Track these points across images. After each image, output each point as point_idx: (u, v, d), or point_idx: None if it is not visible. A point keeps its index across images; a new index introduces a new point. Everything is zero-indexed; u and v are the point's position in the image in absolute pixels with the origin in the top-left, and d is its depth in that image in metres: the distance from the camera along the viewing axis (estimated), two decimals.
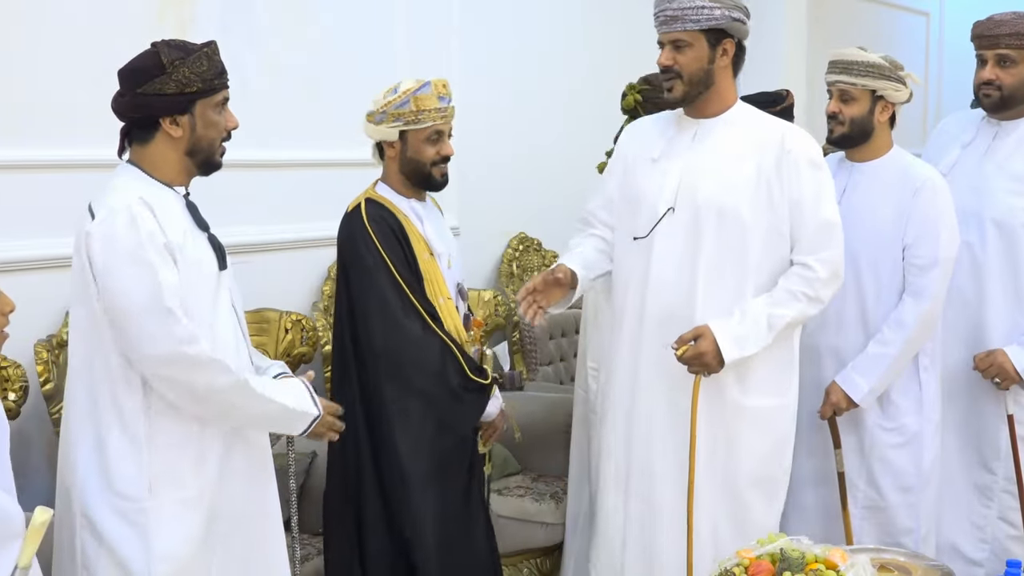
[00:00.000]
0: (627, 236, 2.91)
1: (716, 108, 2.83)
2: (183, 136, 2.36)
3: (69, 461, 2.37)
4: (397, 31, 4.10)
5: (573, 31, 4.95)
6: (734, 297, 2.77)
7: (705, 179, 2.79)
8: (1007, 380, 3.14)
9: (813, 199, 2.78)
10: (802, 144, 2.81)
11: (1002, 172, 3.22)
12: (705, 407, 2.77)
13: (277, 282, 3.70)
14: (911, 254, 3.08)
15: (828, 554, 2.25)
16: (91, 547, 2.33)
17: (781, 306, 2.75)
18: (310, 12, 3.83)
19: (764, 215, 2.77)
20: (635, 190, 2.91)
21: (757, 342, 2.73)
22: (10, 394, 2.85)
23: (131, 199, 2.29)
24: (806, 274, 2.76)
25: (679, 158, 2.83)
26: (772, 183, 2.76)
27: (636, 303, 2.88)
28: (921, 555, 2.54)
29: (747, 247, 2.77)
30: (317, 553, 3.22)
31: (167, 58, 2.32)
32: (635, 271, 2.88)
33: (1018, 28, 3.15)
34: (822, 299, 2.79)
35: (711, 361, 2.71)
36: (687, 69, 2.75)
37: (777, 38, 5.82)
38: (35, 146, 3.05)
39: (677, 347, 2.72)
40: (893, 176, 3.13)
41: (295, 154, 3.78)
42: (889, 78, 3.08)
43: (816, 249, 2.77)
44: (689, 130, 2.86)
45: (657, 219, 2.82)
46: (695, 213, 2.78)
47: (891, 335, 3.06)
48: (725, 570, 2.28)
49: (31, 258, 3.00)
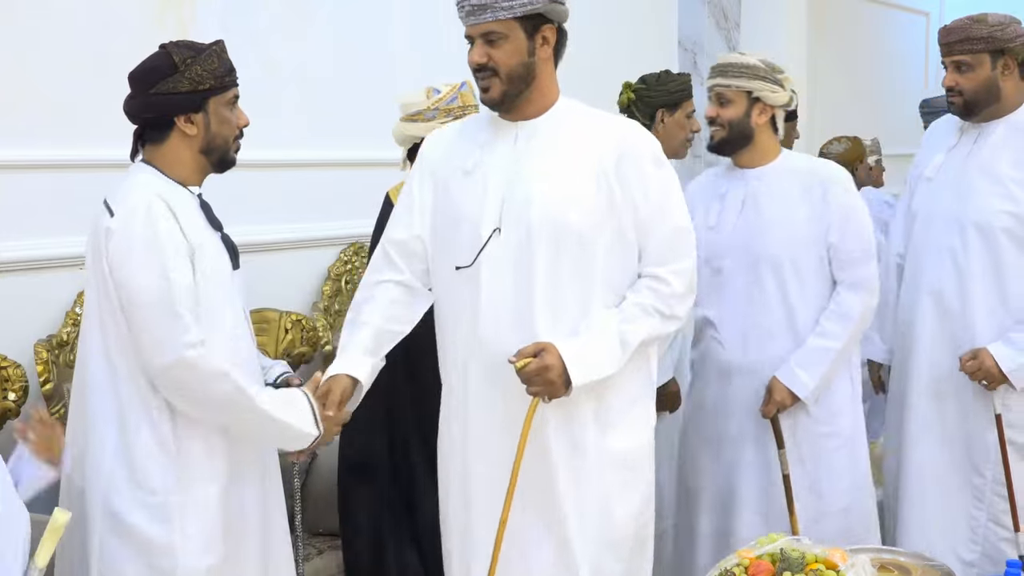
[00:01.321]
0: (448, 266, 2.48)
1: (538, 106, 2.45)
2: (198, 134, 2.38)
3: (84, 460, 2.36)
4: (397, 31, 4.10)
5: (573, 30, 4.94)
6: (579, 326, 2.41)
7: (534, 191, 2.39)
8: (994, 381, 3.12)
9: (660, 203, 2.43)
10: (643, 140, 2.47)
11: (984, 174, 3.20)
12: (564, 455, 2.43)
13: (277, 282, 3.70)
14: (840, 251, 3.04)
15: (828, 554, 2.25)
16: (115, 546, 2.33)
17: (633, 322, 2.41)
18: (310, 12, 3.83)
19: (606, 225, 2.41)
20: (451, 210, 2.48)
21: (611, 363, 2.38)
22: (10, 394, 2.85)
23: (151, 197, 2.31)
24: (660, 288, 2.43)
25: (499, 168, 2.43)
26: (613, 187, 2.40)
27: (466, 344, 2.46)
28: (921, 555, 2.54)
29: (591, 265, 2.41)
30: (317, 553, 3.23)
31: (179, 57, 2.34)
32: (461, 307, 2.47)
33: (968, 34, 3.14)
34: (678, 316, 2.46)
35: (556, 379, 2.32)
36: (505, 65, 2.36)
37: (777, 38, 5.82)
38: (35, 146, 3.05)
39: (516, 360, 2.32)
40: (794, 179, 3.09)
41: (295, 154, 3.78)
42: (765, 79, 3.05)
43: (668, 260, 2.44)
44: (508, 134, 2.46)
45: (482, 243, 2.41)
46: (526, 232, 2.39)
47: (834, 328, 3.02)
48: (725, 570, 2.28)
49: (31, 258, 3.00)
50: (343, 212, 3.80)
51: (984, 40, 3.13)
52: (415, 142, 3.02)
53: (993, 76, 3.16)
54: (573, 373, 2.32)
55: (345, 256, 3.91)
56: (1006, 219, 3.13)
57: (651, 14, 5.38)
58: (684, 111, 3.66)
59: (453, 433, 2.53)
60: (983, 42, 3.14)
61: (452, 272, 2.46)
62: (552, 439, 2.42)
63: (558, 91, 2.49)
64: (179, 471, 2.33)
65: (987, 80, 3.16)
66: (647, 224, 2.43)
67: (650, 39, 5.28)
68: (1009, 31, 3.14)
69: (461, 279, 2.45)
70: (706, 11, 5.66)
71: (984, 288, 3.16)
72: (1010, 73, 3.18)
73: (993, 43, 3.13)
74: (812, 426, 3.09)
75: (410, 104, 3.04)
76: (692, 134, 3.74)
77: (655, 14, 5.43)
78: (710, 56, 5.67)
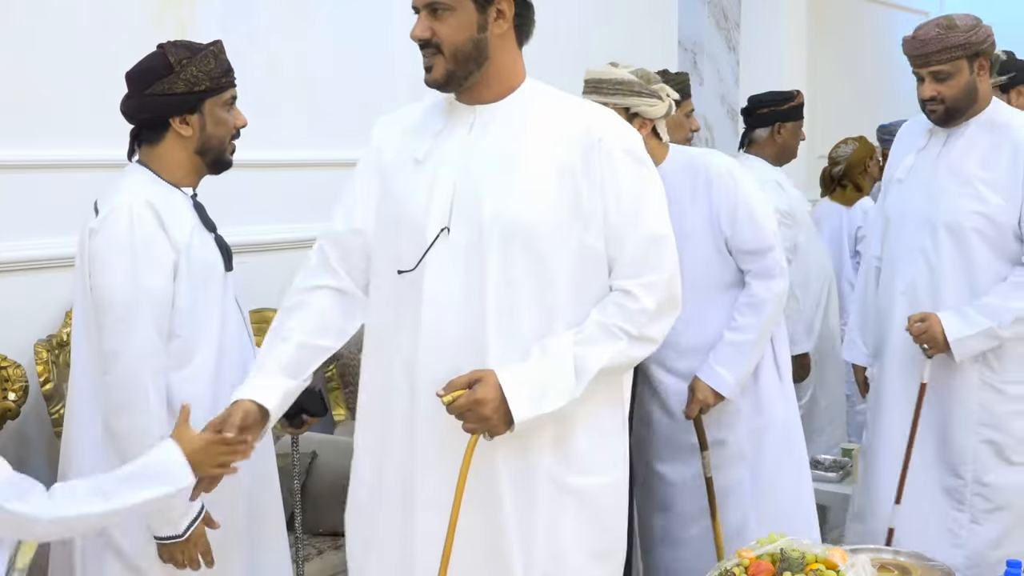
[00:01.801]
0: (389, 270, 2.16)
1: (498, 89, 2.13)
2: (193, 135, 2.38)
3: (73, 462, 2.37)
4: (397, 31, 4.10)
5: (573, 30, 4.94)
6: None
7: (486, 186, 2.07)
8: (935, 348, 3.10)
9: (634, 204, 2.10)
10: (617, 131, 2.14)
11: (953, 175, 3.19)
12: (511, 487, 2.10)
13: (277, 282, 3.69)
14: (738, 243, 3.01)
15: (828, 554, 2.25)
16: (94, 548, 2.34)
17: (592, 345, 2.06)
18: (310, 12, 3.83)
19: (572, 229, 2.07)
20: (396, 205, 2.17)
21: (562, 395, 2.03)
22: (10, 394, 2.85)
23: (135, 200, 2.31)
24: (628, 305, 2.08)
25: (452, 159, 2.12)
26: (580, 184, 2.07)
27: (406, 363, 2.12)
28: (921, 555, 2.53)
29: (553, 276, 2.07)
30: (317, 553, 3.22)
31: (175, 58, 2.34)
32: (401, 320, 2.13)
33: (944, 43, 3.10)
34: (649, 337, 2.12)
35: (492, 415, 1.99)
36: (450, 41, 2.06)
37: (777, 38, 5.82)
38: (35, 146, 3.05)
39: (444, 393, 2.00)
40: (681, 176, 3.05)
41: (295, 154, 3.78)
42: (640, 94, 2.96)
43: (640, 271, 2.09)
44: (463, 120, 2.14)
45: (427, 245, 2.09)
46: (478, 234, 2.07)
47: (746, 320, 3.00)
48: (725, 570, 2.28)
49: (31, 258, 3.00)
50: None
51: (961, 47, 3.11)
52: None
53: (972, 80, 3.15)
54: (515, 407, 1.99)
55: None
56: (976, 219, 3.13)
57: (651, 14, 5.38)
58: (682, 111, 3.66)
59: (395, 459, 2.17)
60: (960, 49, 3.11)
61: (393, 277, 2.13)
62: (504, 480, 2.10)
63: (523, 73, 2.17)
64: None
65: (967, 85, 3.15)
66: (618, 230, 2.09)
67: (650, 39, 5.28)
68: (980, 33, 3.14)
69: (403, 285, 2.12)
70: (706, 11, 5.66)
71: (956, 289, 3.16)
72: (984, 74, 3.18)
73: (969, 48, 3.12)
74: (747, 420, 3.09)
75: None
76: (691, 133, 3.74)
77: (655, 14, 5.43)
78: (710, 56, 5.68)
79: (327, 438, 3.53)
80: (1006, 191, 3.11)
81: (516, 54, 2.15)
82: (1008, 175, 3.12)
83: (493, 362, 2.04)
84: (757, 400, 3.11)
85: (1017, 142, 3.13)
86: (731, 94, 5.84)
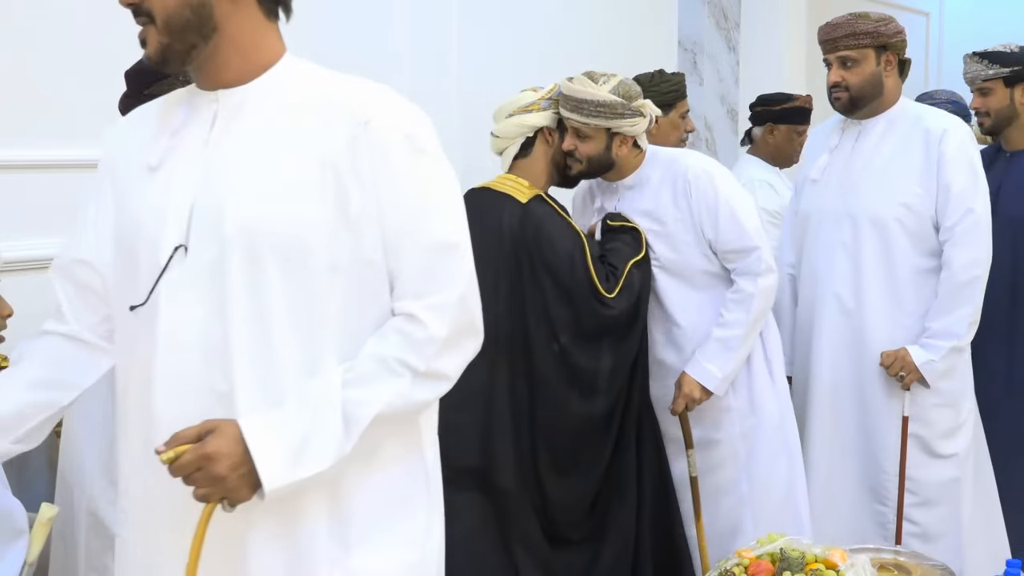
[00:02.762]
0: (123, 305, 1.72)
1: (241, 68, 1.71)
2: None
3: (74, 460, 2.37)
4: (397, 31, 4.10)
5: (573, 31, 4.94)
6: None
7: (233, 191, 1.65)
8: (911, 375, 3.12)
9: (416, 208, 1.67)
10: (390, 112, 1.70)
11: (868, 170, 3.24)
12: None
13: None
14: (721, 243, 3.01)
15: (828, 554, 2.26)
16: (98, 545, 2.34)
17: (366, 385, 1.61)
18: (310, 12, 3.82)
19: (340, 241, 1.64)
20: (131, 224, 1.73)
21: (325, 450, 1.57)
22: None
23: None
24: (412, 333, 1.64)
25: (189, 160, 1.69)
26: (347, 182, 1.64)
27: (143, 419, 1.68)
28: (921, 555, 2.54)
29: (317, 300, 1.64)
30: None
31: None
32: (137, 363, 1.70)
33: (854, 28, 3.18)
34: (440, 373, 1.66)
35: (227, 474, 1.54)
36: (161, 7, 1.69)
37: (777, 38, 5.82)
38: (35, 146, 3.05)
39: (165, 448, 1.55)
40: (660, 179, 3.07)
41: None
42: (623, 116, 2.95)
43: (424, 290, 1.66)
44: (205, 111, 1.72)
45: (159, 270, 1.66)
46: (219, 252, 1.63)
47: (734, 315, 3.00)
48: (725, 570, 2.28)
49: (31, 258, 3.00)
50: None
51: (869, 35, 3.18)
52: (531, 133, 3.06)
53: (877, 72, 3.21)
54: (265, 469, 1.54)
55: None
56: (898, 210, 3.17)
57: (651, 14, 5.38)
58: (678, 111, 3.67)
59: (128, 549, 1.78)
60: (868, 37, 3.18)
61: (127, 314, 1.70)
62: (256, 561, 1.64)
63: (278, 48, 1.77)
64: None
65: (872, 75, 3.21)
66: (396, 238, 1.66)
67: (650, 39, 5.27)
68: (892, 27, 3.21)
69: (136, 323, 1.68)
70: (706, 11, 5.66)
71: (877, 284, 3.19)
72: (892, 69, 3.24)
73: (878, 38, 3.19)
74: (739, 420, 3.09)
75: (516, 101, 3.09)
76: (686, 134, 3.75)
77: (655, 14, 5.43)
78: (710, 56, 5.68)
79: None
80: (922, 181, 3.15)
81: (263, 25, 1.74)
82: (922, 165, 3.16)
83: (243, 412, 1.60)
84: (750, 399, 3.11)
85: (929, 131, 3.17)
86: (731, 94, 5.84)
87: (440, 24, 4.26)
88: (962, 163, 3.14)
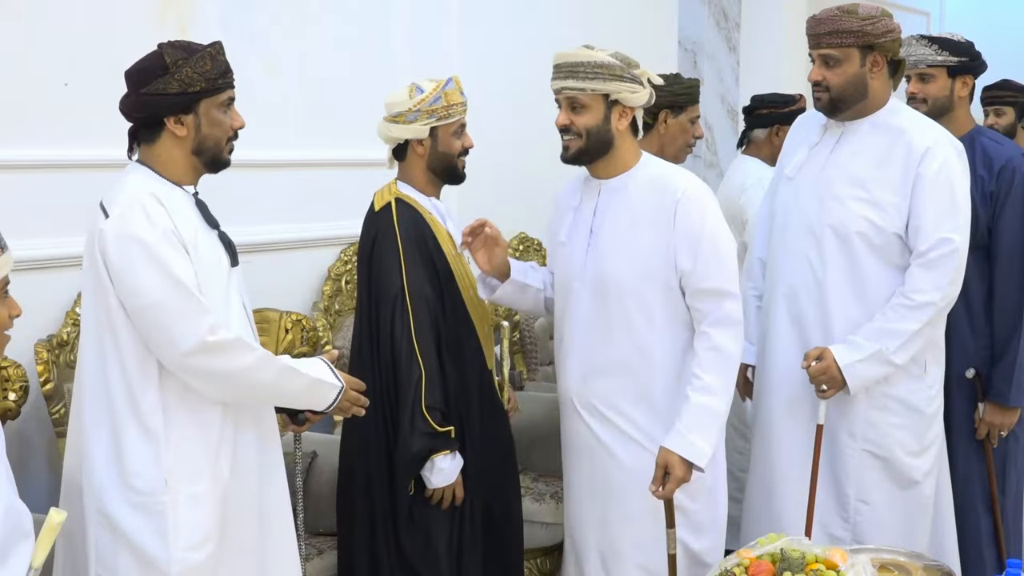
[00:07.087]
0: None
1: None
2: (188, 135, 2.38)
3: (82, 459, 2.37)
4: (397, 31, 4.10)
5: (573, 30, 4.94)
6: None
7: None
8: (834, 387, 2.96)
9: None
10: None
11: (843, 176, 3.04)
12: None
13: (277, 282, 3.70)
14: (695, 279, 2.72)
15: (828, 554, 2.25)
16: (108, 544, 2.34)
17: None
18: (310, 12, 3.83)
19: None
20: None
21: None
22: (10, 394, 2.85)
23: (143, 195, 2.31)
24: None
25: None
26: None
27: None
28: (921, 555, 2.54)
29: None
30: (317, 553, 3.22)
31: (170, 58, 2.34)
32: None
33: (838, 26, 2.96)
34: None
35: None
36: None
37: (777, 38, 5.83)
38: (35, 146, 3.05)
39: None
40: (646, 190, 2.79)
41: (295, 154, 3.78)
42: (623, 79, 2.69)
43: None
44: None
45: None
46: None
47: (711, 378, 2.70)
48: (725, 570, 2.28)
49: (32, 258, 3.00)
50: (343, 212, 3.79)
51: (854, 34, 2.97)
52: (399, 143, 3.02)
53: (861, 73, 3.00)
54: None
55: (345, 256, 3.91)
56: (861, 223, 3.00)
57: (651, 14, 5.39)
58: (688, 115, 3.66)
59: None
60: (852, 36, 2.97)
61: None
62: None
63: None
64: (170, 470, 2.32)
65: (855, 77, 3.00)
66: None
67: (650, 39, 5.27)
68: (880, 26, 2.98)
69: None
70: (706, 11, 5.66)
71: (839, 295, 3.04)
72: (879, 71, 3.02)
73: (863, 38, 2.97)
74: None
75: (393, 104, 3.00)
76: (694, 140, 3.74)
77: (655, 14, 5.43)
78: (710, 56, 5.69)
79: (327, 438, 3.54)
80: (896, 195, 2.98)
81: None
82: (900, 179, 2.98)
83: None
84: None
85: (911, 145, 2.99)
86: (731, 94, 5.85)
87: (440, 24, 4.26)
88: (940, 187, 2.95)
